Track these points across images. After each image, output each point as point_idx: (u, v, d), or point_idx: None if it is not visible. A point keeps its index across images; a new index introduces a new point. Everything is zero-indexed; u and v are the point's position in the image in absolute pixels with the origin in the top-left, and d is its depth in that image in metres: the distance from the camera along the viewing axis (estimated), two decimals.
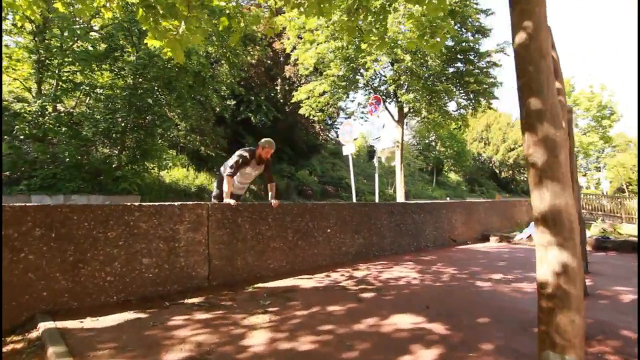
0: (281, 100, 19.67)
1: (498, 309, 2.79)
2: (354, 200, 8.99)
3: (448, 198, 25.41)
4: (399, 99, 11.67)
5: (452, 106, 12.77)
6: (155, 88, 11.10)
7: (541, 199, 1.35)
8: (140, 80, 10.89)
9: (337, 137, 27.26)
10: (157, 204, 3.16)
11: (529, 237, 7.83)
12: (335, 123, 26.30)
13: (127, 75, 11.01)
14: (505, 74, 56.17)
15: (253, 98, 17.50)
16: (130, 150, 11.26)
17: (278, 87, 19.60)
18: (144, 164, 11.38)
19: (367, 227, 5.28)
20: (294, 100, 13.44)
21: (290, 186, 19.24)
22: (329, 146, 27.62)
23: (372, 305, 2.87)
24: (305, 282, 3.70)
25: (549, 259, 1.32)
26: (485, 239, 8.13)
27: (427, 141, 32.83)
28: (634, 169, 31.13)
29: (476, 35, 11.66)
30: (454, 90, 11.45)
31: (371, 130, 9.45)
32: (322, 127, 23.34)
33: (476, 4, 11.42)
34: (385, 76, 12.31)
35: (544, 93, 1.37)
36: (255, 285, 3.45)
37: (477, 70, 11.70)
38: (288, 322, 2.45)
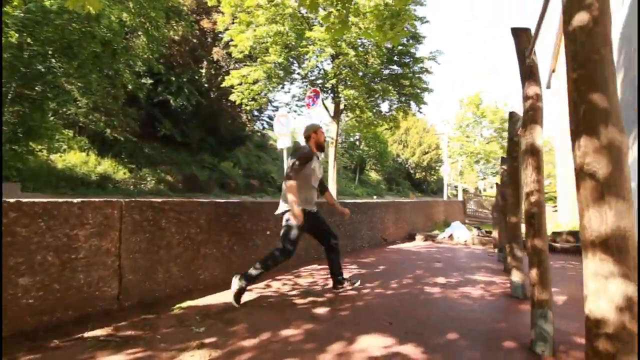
0: (206, 85, 18.17)
1: (460, 321, 2.63)
2: None
3: (375, 197, 26.50)
4: (338, 95, 11.53)
5: (383, 107, 13.16)
6: (50, 53, 9.09)
7: (602, 220, 1.09)
8: (28, 40, 8.79)
9: (264, 129, 26.43)
10: (45, 200, 2.28)
11: (450, 237, 8.33)
12: (263, 115, 25.40)
13: (11, 33, 8.79)
14: (434, 81, 61.20)
15: (174, 79, 15.79)
16: (10, 126, 9.05)
17: (203, 70, 18.04)
18: (28, 144, 9.29)
19: None
20: (224, 85, 12.34)
21: (211, 178, 17.92)
22: (255, 138, 26.64)
23: (330, 325, 2.47)
24: (244, 295, 3.14)
25: (610, 292, 1.08)
26: (411, 238, 8.41)
27: (352, 139, 33.91)
28: None
29: (411, 41, 12.09)
30: (391, 90, 11.72)
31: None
32: (249, 117, 22.27)
33: (414, 9, 11.74)
34: (324, 69, 12.03)
35: (609, 89, 1.11)
36: (183, 305, 2.77)
37: (411, 74, 12.10)
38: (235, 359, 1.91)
